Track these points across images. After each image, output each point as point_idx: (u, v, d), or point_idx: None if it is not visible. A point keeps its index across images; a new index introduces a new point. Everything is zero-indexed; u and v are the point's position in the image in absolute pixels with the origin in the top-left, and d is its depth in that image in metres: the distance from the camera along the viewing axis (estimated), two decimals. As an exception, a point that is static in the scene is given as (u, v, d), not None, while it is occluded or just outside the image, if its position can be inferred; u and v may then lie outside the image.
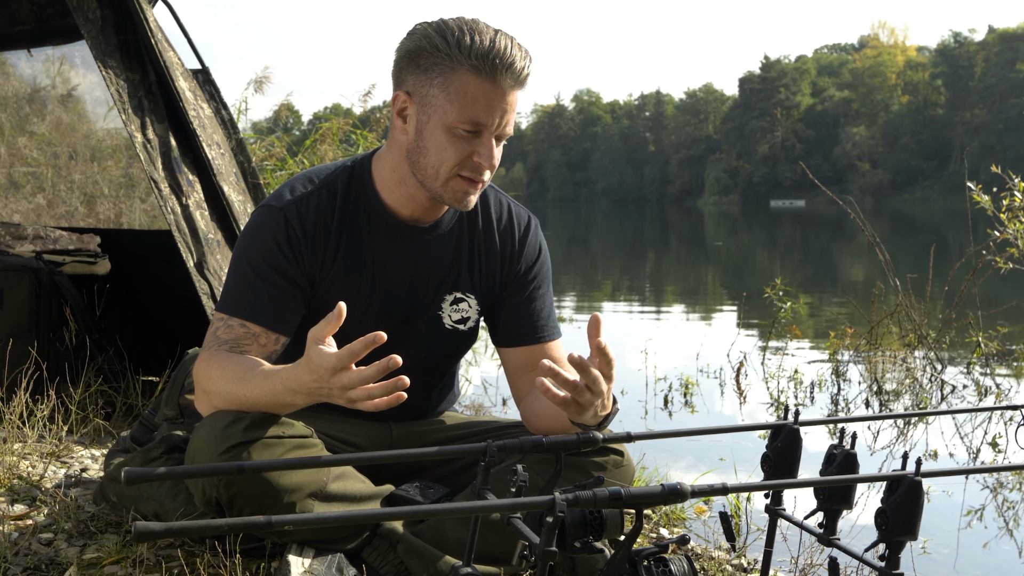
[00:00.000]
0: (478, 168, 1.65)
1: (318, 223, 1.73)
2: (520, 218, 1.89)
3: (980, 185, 5.11)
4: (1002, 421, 4.20)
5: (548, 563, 1.18)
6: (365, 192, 1.77)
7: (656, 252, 21.37)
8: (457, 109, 1.60)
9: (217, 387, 1.61)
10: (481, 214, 1.85)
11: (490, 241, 1.85)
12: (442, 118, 1.62)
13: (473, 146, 1.63)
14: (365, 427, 1.86)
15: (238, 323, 1.67)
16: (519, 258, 1.87)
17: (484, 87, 1.60)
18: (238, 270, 1.72)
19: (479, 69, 1.59)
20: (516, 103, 1.65)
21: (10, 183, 7.74)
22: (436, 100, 1.62)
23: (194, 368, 1.67)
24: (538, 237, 1.91)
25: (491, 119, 1.62)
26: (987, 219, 5.13)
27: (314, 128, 8.23)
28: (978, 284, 5.22)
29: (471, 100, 1.60)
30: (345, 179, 1.78)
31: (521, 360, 1.85)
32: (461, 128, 1.61)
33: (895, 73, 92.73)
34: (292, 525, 1.08)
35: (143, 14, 2.86)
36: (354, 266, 1.76)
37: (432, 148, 1.64)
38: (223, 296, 1.72)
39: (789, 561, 2.19)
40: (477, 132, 1.63)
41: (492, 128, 1.63)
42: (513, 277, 1.86)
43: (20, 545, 1.78)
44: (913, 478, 1.33)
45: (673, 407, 4.53)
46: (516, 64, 1.60)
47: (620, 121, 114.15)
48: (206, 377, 1.64)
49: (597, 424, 1.59)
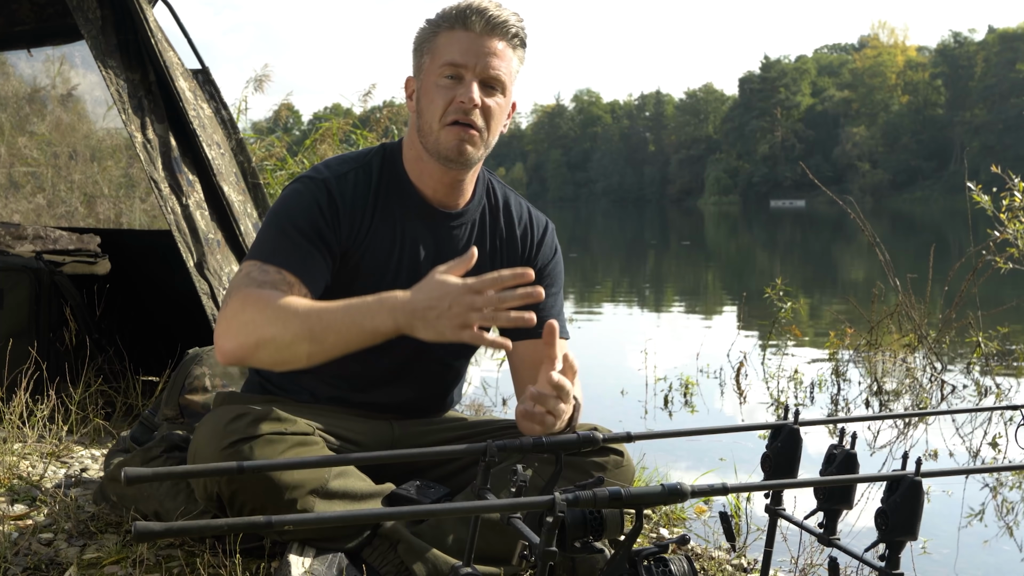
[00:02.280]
0: (462, 108, 1.70)
1: (356, 197, 1.78)
2: (539, 220, 1.97)
3: (980, 185, 5.11)
4: (1002, 421, 4.20)
5: (548, 563, 1.18)
6: (396, 173, 1.83)
7: (656, 252, 21.37)
8: (437, 61, 1.72)
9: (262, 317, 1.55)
10: (503, 210, 1.92)
11: (511, 236, 1.91)
12: (429, 76, 1.74)
13: (456, 91, 1.71)
14: (366, 425, 1.86)
15: (274, 269, 1.65)
16: (536, 255, 1.93)
17: (457, 35, 1.72)
18: (275, 226, 1.71)
19: (452, 23, 1.72)
20: (503, 53, 1.73)
21: (10, 183, 7.74)
22: (426, 66, 1.75)
23: (227, 307, 1.60)
24: (555, 240, 1.98)
25: (466, 59, 1.70)
26: (987, 219, 5.13)
27: (314, 128, 8.23)
28: (978, 284, 5.22)
29: (447, 49, 1.72)
30: (379, 160, 1.84)
31: (528, 354, 1.87)
32: (443, 77, 1.71)
33: (895, 73, 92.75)
34: (292, 525, 1.08)
35: (143, 14, 2.86)
36: (385, 243, 1.79)
37: (425, 105, 1.74)
38: (255, 248, 1.71)
39: (789, 561, 2.19)
40: (459, 77, 1.71)
41: (471, 69, 1.70)
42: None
43: (20, 545, 1.78)
44: (913, 478, 1.33)
45: (673, 407, 4.53)
46: (489, 11, 1.71)
47: (620, 121, 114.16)
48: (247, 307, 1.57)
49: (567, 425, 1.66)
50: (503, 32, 1.72)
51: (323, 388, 1.86)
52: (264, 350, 1.56)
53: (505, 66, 1.73)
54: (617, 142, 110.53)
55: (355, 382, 1.85)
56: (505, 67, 1.73)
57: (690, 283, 13.36)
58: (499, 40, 1.72)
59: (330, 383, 1.85)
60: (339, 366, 1.85)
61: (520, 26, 1.75)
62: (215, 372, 2.25)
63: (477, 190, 1.90)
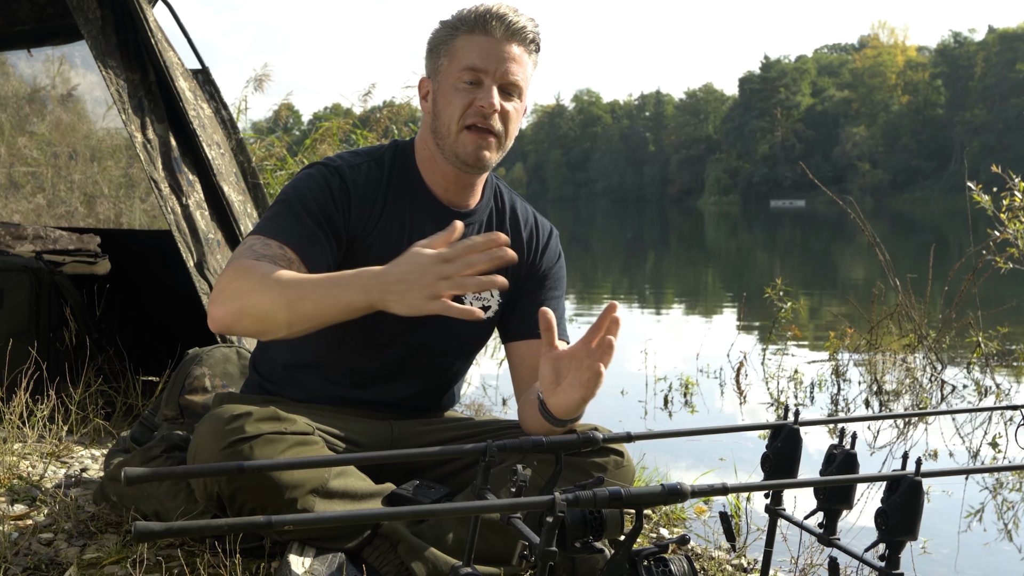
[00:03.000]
0: (481, 112, 1.72)
1: (367, 188, 1.80)
2: (544, 225, 2.00)
3: (980, 185, 5.10)
4: (1002, 421, 4.20)
5: (548, 563, 1.18)
6: (408, 170, 1.85)
7: (656, 252, 21.37)
8: (456, 65, 1.74)
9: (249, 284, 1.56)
10: (509, 214, 1.94)
11: (517, 239, 1.93)
12: (447, 78, 1.75)
13: (475, 95, 1.72)
14: (366, 425, 1.86)
15: (276, 244, 1.66)
16: (541, 258, 1.95)
17: (477, 39, 1.73)
18: (284, 204, 1.73)
19: (472, 27, 1.74)
20: (520, 59, 1.75)
21: (10, 183, 7.74)
22: (443, 68, 1.77)
23: (224, 275, 1.61)
24: (558, 246, 2.01)
25: (486, 64, 1.72)
26: (987, 219, 5.13)
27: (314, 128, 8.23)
28: (978, 284, 5.22)
29: (467, 53, 1.73)
30: (391, 155, 1.86)
31: (528, 354, 1.88)
32: (462, 81, 1.73)
33: (895, 73, 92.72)
34: (292, 525, 1.08)
35: (143, 14, 2.86)
36: (394, 236, 1.80)
37: (442, 107, 1.76)
38: (262, 222, 1.72)
39: (789, 561, 2.19)
40: (478, 82, 1.73)
41: (491, 74, 1.72)
42: (532, 275, 1.94)
43: (20, 545, 1.78)
44: (913, 478, 1.33)
45: (673, 407, 4.53)
46: (508, 16, 1.73)
47: (620, 121, 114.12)
48: (239, 276, 1.58)
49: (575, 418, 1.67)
50: (522, 38, 1.75)
51: (323, 387, 1.86)
52: (247, 317, 1.57)
53: (523, 72, 1.76)
54: (617, 142, 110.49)
55: (355, 379, 1.86)
56: (523, 73, 1.76)
57: (690, 283, 13.36)
58: (518, 45, 1.75)
59: (330, 380, 1.85)
60: (339, 362, 1.86)
61: (536, 32, 1.78)
62: (215, 372, 2.25)
63: (486, 192, 1.91)
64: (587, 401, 1.61)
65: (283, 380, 1.89)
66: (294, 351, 1.87)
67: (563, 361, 1.61)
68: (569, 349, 1.60)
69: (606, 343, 1.54)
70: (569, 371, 1.60)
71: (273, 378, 1.90)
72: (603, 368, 1.55)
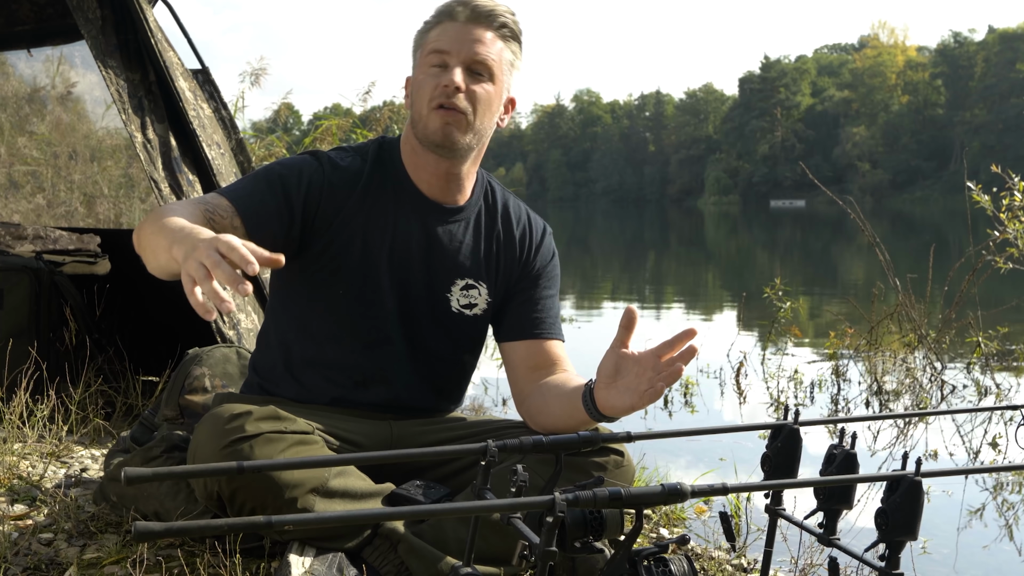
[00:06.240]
0: (445, 92, 1.74)
1: (348, 177, 1.83)
2: (537, 223, 1.99)
3: (980, 185, 5.10)
4: (1002, 421, 4.20)
5: (548, 563, 1.18)
6: (393, 163, 1.88)
7: (656, 252, 21.37)
8: (425, 51, 1.79)
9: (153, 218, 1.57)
10: (501, 212, 1.94)
11: (509, 237, 1.93)
12: (419, 68, 1.80)
13: (442, 77, 1.75)
14: (365, 425, 1.86)
15: (227, 204, 1.70)
16: (534, 257, 1.95)
17: (444, 26, 1.78)
18: (250, 173, 1.81)
19: (440, 17, 1.79)
20: (486, 40, 1.77)
21: (10, 183, 7.74)
22: (417, 60, 1.82)
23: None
24: (552, 244, 2.00)
25: (450, 46, 1.75)
26: (987, 219, 5.13)
27: (314, 127, 8.23)
28: (978, 284, 5.22)
29: (434, 40, 1.78)
30: (375, 148, 1.89)
31: (523, 355, 1.88)
32: (429, 65, 1.77)
33: (895, 73, 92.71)
34: (292, 525, 1.08)
35: (143, 14, 2.86)
36: (376, 227, 1.83)
37: (415, 94, 1.80)
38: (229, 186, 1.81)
39: (789, 561, 2.19)
40: (443, 64, 1.76)
41: (454, 54, 1.75)
42: (526, 273, 1.93)
43: (20, 545, 1.78)
44: (913, 478, 1.33)
45: (673, 407, 4.53)
46: (474, 2, 1.76)
47: (620, 121, 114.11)
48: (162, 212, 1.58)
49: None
50: (488, 21, 1.77)
51: (322, 387, 1.86)
52: (138, 246, 1.61)
53: (489, 52, 1.77)
54: (617, 142, 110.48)
55: (354, 379, 1.85)
56: (490, 53, 1.76)
57: (690, 283, 13.36)
58: (485, 29, 1.77)
59: (330, 381, 1.85)
60: (338, 363, 1.86)
61: (510, 18, 1.79)
62: (215, 372, 2.25)
63: (475, 190, 1.91)
64: (635, 410, 1.59)
65: (283, 380, 1.89)
66: (294, 351, 1.87)
67: (627, 362, 1.58)
68: (638, 353, 1.57)
69: (675, 370, 1.50)
70: (629, 374, 1.57)
71: (273, 378, 1.90)
72: (664, 388, 1.53)
